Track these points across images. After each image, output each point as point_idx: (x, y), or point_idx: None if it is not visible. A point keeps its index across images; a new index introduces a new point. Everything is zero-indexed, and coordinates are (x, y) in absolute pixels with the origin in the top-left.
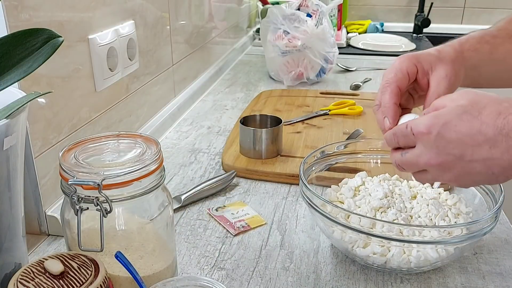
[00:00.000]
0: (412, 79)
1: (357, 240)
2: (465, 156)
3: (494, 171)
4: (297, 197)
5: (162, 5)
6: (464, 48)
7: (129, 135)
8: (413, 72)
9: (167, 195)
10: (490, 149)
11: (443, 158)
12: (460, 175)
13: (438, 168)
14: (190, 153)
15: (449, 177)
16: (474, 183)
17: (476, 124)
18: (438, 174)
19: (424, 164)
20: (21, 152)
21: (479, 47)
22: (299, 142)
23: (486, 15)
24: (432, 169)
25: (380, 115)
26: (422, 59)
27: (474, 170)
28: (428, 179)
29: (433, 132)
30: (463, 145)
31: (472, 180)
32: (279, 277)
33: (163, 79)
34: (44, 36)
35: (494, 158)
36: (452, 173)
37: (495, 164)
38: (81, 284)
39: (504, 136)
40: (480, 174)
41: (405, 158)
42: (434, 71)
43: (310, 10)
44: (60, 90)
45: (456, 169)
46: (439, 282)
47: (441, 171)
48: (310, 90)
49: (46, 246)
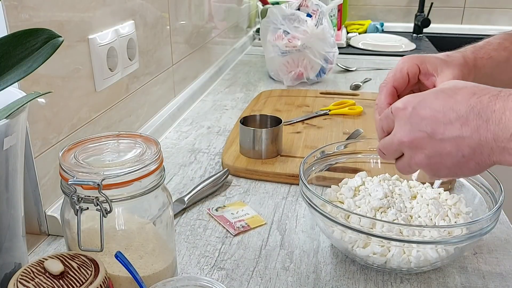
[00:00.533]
0: (412, 80)
1: (357, 240)
2: (437, 134)
3: (464, 152)
4: (297, 197)
5: (162, 5)
6: (477, 56)
7: (129, 135)
8: (414, 73)
9: (167, 195)
10: (461, 127)
11: (415, 135)
12: (431, 155)
13: (410, 146)
14: (190, 153)
15: (420, 159)
16: (446, 170)
17: (450, 101)
18: (411, 155)
19: (397, 142)
20: (21, 152)
21: (495, 55)
22: (299, 142)
23: (486, 15)
24: (405, 148)
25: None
26: (427, 61)
27: (444, 150)
28: (404, 164)
29: (408, 108)
30: (436, 122)
31: (444, 165)
32: (279, 277)
33: (163, 79)
34: (44, 36)
35: (464, 136)
36: (424, 153)
37: (465, 144)
38: (81, 284)
39: (475, 114)
40: (451, 155)
41: (385, 140)
42: (440, 73)
43: (310, 10)
44: (60, 90)
45: (427, 148)
46: (439, 282)
47: (413, 151)
48: (310, 90)
49: (46, 246)
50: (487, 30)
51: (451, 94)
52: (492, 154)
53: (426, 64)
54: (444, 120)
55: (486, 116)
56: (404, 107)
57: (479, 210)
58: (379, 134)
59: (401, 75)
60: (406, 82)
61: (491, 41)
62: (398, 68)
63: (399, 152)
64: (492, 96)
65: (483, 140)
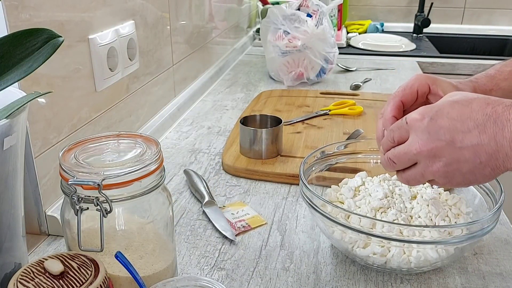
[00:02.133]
0: (421, 98)
1: (357, 240)
2: (456, 142)
3: (482, 159)
4: (297, 197)
5: (162, 5)
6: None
7: (129, 135)
8: (424, 92)
9: (167, 195)
10: (480, 135)
11: (434, 144)
12: (449, 163)
13: (428, 154)
14: (190, 153)
15: (438, 167)
16: (461, 177)
17: (466, 111)
18: (428, 164)
19: (415, 151)
20: (21, 152)
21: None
22: (299, 142)
23: (486, 15)
24: (422, 158)
25: (380, 123)
26: (439, 83)
27: (462, 157)
28: (417, 174)
29: (425, 118)
30: (454, 130)
31: (460, 172)
32: (279, 277)
33: (163, 79)
34: (44, 36)
35: (482, 144)
36: (442, 161)
37: (482, 151)
38: (81, 284)
39: (492, 122)
40: (468, 162)
41: (397, 150)
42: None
43: (310, 10)
44: (60, 90)
45: (445, 156)
46: (439, 282)
47: (430, 160)
48: (310, 90)
49: (46, 246)
50: (487, 30)
51: (466, 104)
52: (506, 159)
53: (437, 86)
54: (462, 129)
55: (502, 124)
56: (421, 118)
57: (480, 211)
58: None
59: (410, 91)
60: (414, 99)
61: (502, 69)
62: (409, 84)
63: (412, 161)
64: (506, 106)
65: (499, 146)
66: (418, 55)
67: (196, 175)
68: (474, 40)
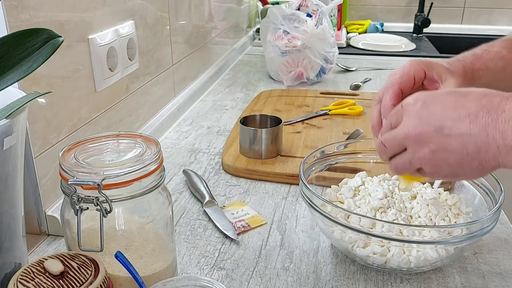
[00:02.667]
0: (417, 84)
1: (357, 240)
2: (444, 129)
3: (469, 150)
4: (297, 197)
5: (162, 5)
6: (475, 67)
7: (129, 135)
8: (420, 77)
9: (167, 195)
10: (470, 124)
11: (422, 128)
12: (436, 150)
13: (416, 139)
14: (190, 153)
15: (424, 153)
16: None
17: (461, 99)
18: (415, 150)
19: (404, 134)
20: (21, 152)
21: (492, 65)
22: (299, 142)
23: (486, 15)
24: (410, 143)
25: (375, 111)
26: (433, 67)
27: (450, 146)
28: (405, 161)
29: (418, 102)
30: (445, 117)
31: (447, 162)
32: (279, 277)
33: (163, 79)
34: (44, 36)
35: (471, 134)
36: (428, 147)
37: (471, 142)
38: (81, 284)
39: (485, 112)
40: (455, 152)
41: (389, 134)
42: (444, 81)
43: (310, 10)
44: (60, 90)
45: (433, 143)
46: (439, 282)
47: (418, 145)
48: (310, 90)
49: (46, 246)
50: (487, 30)
51: (463, 94)
52: (498, 154)
53: (432, 70)
54: (453, 116)
55: (496, 114)
56: (415, 102)
57: (479, 210)
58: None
59: (408, 77)
60: (412, 85)
61: (489, 49)
62: (406, 71)
63: (401, 147)
64: (503, 97)
65: (490, 139)
66: (418, 55)
67: (195, 175)
68: (473, 40)
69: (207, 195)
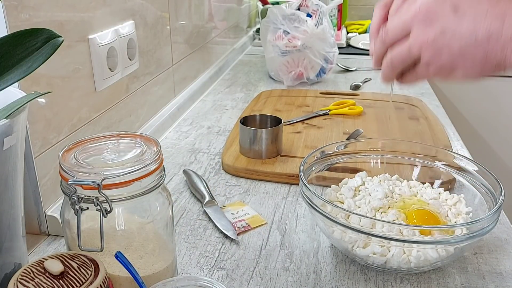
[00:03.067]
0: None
1: (357, 240)
2: (459, 9)
3: (479, 34)
4: (297, 197)
5: (162, 5)
6: None
7: (129, 135)
8: None
9: (167, 195)
10: (488, 8)
11: (435, 5)
12: (443, 31)
13: (425, 18)
14: (190, 153)
15: (428, 35)
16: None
17: None
18: (420, 30)
19: (413, 12)
20: (21, 152)
21: None
22: (299, 142)
23: None
24: (417, 22)
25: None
26: None
27: (460, 28)
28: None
29: None
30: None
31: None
32: (279, 277)
33: (163, 79)
34: (44, 36)
35: (486, 17)
36: (435, 28)
37: (484, 26)
38: (81, 284)
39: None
40: (463, 37)
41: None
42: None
43: (310, 10)
44: (60, 90)
45: (442, 23)
46: (439, 282)
47: (425, 24)
48: (310, 90)
49: (46, 246)
50: None
51: None
52: (508, 45)
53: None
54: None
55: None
56: None
57: (479, 210)
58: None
59: None
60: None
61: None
62: None
63: (406, 30)
64: None
65: (506, 26)
66: None
67: (195, 175)
68: None
69: (207, 195)
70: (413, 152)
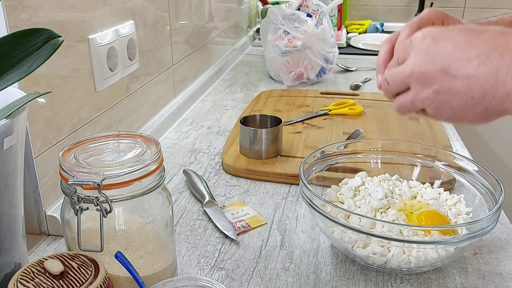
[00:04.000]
0: None
1: (357, 240)
2: (450, 69)
3: (474, 94)
4: (297, 197)
5: (162, 5)
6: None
7: (129, 135)
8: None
9: (167, 195)
10: (478, 67)
11: (428, 67)
12: (439, 91)
13: (420, 78)
14: (190, 153)
15: (427, 94)
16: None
17: (474, 38)
18: (418, 89)
19: (408, 71)
20: (21, 152)
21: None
22: (299, 142)
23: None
24: (414, 81)
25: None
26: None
27: (454, 88)
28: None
29: (428, 37)
30: (453, 57)
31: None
32: (279, 277)
33: (163, 79)
34: (44, 36)
35: (478, 77)
36: (432, 88)
37: (477, 85)
38: (81, 284)
39: (498, 54)
40: (459, 95)
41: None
42: None
43: (310, 10)
44: (60, 90)
45: (437, 83)
46: (439, 282)
47: (422, 84)
48: (310, 90)
49: (46, 246)
50: None
51: (477, 32)
52: (506, 100)
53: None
54: (461, 56)
55: (510, 57)
56: (424, 37)
57: (479, 210)
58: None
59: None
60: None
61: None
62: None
63: (405, 84)
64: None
65: (500, 83)
66: None
67: (195, 175)
68: None
69: (207, 195)
70: (413, 152)
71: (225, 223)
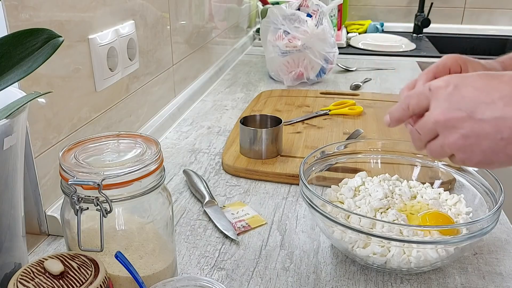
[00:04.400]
0: None
1: (357, 240)
2: (476, 113)
3: (504, 134)
4: (297, 197)
5: (162, 5)
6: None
7: (129, 135)
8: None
9: (167, 195)
10: (504, 107)
11: (453, 114)
12: (466, 135)
13: (446, 125)
14: (190, 153)
15: (455, 139)
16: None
17: (494, 82)
18: (445, 135)
19: (433, 120)
20: (21, 152)
21: None
22: (299, 142)
23: (486, 15)
24: (440, 128)
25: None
26: (470, 64)
27: (482, 131)
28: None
29: (450, 85)
30: (477, 101)
31: (480, 148)
32: (279, 277)
33: (163, 79)
34: (44, 36)
35: (506, 117)
36: (459, 133)
37: (506, 125)
38: (81, 284)
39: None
40: (488, 138)
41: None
42: None
43: (310, 10)
44: (60, 90)
45: (464, 128)
46: (439, 282)
47: (448, 130)
48: (310, 90)
49: (46, 246)
50: (487, 30)
51: (496, 76)
52: None
53: (467, 67)
54: (486, 100)
55: None
56: (446, 85)
57: (479, 211)
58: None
59: (443, 69)
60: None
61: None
62: (442, 62)
63: (434, 132)
64: None
65: None
66: (418, 55)
67: (195, 175)
68: (474, 40)
69: (207, 195)
70: (413, 152)
71: (225, 223)
